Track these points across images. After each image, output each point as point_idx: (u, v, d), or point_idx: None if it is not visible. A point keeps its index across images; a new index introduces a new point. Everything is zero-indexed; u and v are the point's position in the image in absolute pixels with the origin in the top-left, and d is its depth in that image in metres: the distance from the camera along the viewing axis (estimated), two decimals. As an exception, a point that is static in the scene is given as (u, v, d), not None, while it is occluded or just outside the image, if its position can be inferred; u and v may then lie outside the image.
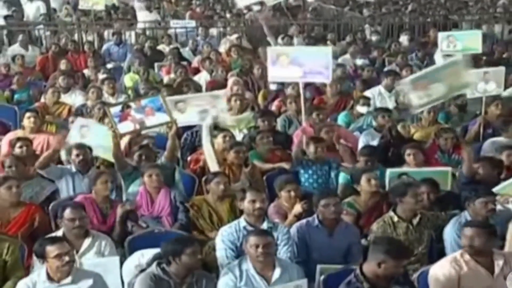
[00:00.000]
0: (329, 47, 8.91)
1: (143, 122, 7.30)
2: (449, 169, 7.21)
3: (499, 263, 5.24)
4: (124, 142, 7.74)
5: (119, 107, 7.37)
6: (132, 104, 7.39)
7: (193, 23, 15.81)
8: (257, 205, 5.89)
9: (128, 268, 5.79)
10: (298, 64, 7.83)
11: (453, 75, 7.10)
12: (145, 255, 5.74)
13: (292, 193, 6.57)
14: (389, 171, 7.13)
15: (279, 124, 9.06)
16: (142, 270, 5.37)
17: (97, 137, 7.75)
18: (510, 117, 8.76)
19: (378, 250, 4.93)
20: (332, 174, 7.57)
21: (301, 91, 8.48)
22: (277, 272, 5.29)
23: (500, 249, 5.62)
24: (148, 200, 6.76)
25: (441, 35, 11.36)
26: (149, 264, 5.36)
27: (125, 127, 7.20)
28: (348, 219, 6.43)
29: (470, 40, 10.37)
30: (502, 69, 8.96)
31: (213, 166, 7.18)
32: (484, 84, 8.56)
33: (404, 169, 7.27)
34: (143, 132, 7.81)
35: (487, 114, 8.80)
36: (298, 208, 6.37)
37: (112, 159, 7.35)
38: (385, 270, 4.87)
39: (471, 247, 5.24)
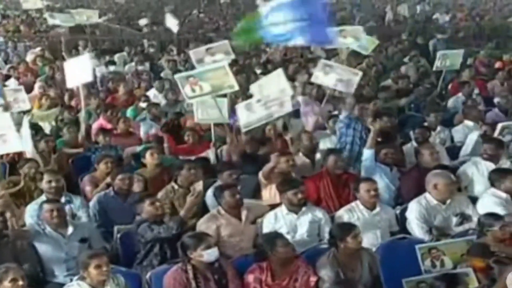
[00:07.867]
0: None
1: None
2: None
3: (244, 213, 5.40)
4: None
5: None
6: None
7: (1, 38, 14.86)
8: (53, 184, 5.76)
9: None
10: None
11: (216, 78, 7.10)
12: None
13: None
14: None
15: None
16: None
17: None
18: None
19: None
20: None
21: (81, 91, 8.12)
22: (70, 229, 5.16)
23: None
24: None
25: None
26: None
27: None
28: (139, 186, 6.35)
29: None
30: None
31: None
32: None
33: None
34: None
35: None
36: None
37: None
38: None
39: (225, 203, 5.39)
